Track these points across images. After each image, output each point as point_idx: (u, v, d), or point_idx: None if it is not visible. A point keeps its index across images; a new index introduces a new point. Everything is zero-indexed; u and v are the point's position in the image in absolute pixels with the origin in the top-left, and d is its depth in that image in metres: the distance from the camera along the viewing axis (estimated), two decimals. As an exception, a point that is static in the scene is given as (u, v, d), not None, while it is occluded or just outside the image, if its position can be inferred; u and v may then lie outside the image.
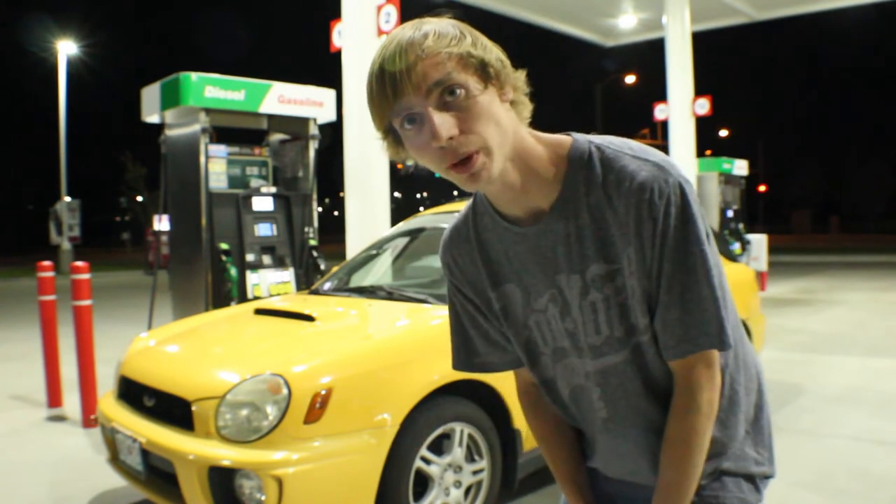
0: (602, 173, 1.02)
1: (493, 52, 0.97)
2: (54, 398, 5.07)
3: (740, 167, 13.99)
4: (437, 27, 0.94)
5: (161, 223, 6.30)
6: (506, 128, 0.97)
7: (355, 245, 5.80)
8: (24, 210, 57.86)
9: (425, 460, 2.69)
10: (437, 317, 3.03)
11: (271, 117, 5.52)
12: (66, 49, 24.07)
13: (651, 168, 1.01)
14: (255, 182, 5.48)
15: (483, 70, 0.94)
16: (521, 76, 1.00)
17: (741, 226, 13.45)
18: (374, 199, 5.95)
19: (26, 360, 6.78)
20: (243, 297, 5.06)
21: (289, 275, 5.43)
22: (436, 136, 0.92)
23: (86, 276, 4.69)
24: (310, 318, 3.17)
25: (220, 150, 5.30)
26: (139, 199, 30.96)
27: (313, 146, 5.71)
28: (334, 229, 10.07)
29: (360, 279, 4.09)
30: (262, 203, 5.39)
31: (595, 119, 27.57)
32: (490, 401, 2.89)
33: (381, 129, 0.99)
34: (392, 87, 0.93)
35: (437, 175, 1.01)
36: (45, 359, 5.06)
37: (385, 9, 5.78)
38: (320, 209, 6.08)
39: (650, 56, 13.43)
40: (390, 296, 3.49)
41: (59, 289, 5.20)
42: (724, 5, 11.93)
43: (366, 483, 2.51)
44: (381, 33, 5.84)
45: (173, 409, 2.68)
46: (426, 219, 4.26)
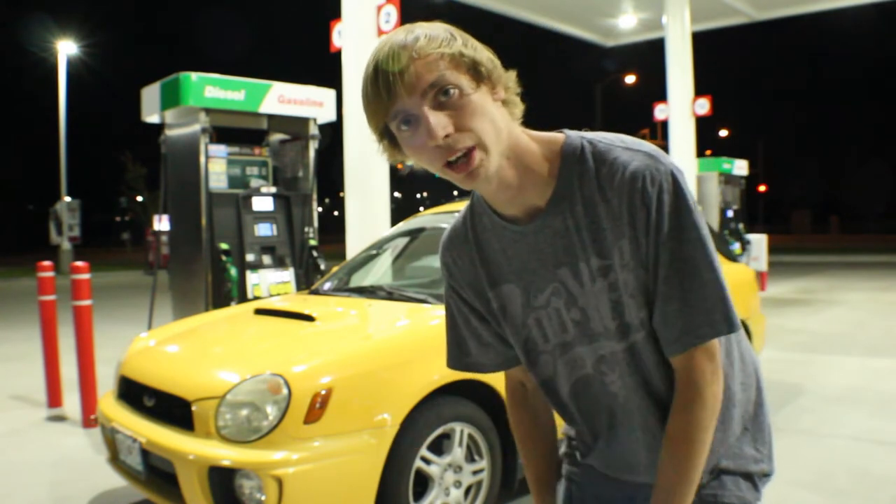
0: (595, 166, 1.03)
1: (483, 53, 0.99)
2: (54, 398, 5.07)
3: (740, 167, 13.99)
4: (427, 30, 0.96)
5: (161, 223, 6.30)
6: (500, 126, 0.98)
7: (355, 245, 5.80)
8: (24, 210, 57.87)
9: (425, 460, 2.69)
10: (437, 317, 3.02)
11: (271, 117, 5.52)
12: (66, 49, 24.05)
13: (642, 157, 1.01)
14: (255, 182, 5.48)
15: (475, 69, 0.96)
16: (511, 76, 1.02)
17: (741, 226, 13.46)
18: (374, 199, 5.95)
19: (26, 360, 6.78)
20: (243, 297, 5.06)
21: (289, 275, 5.43)
22: (431, 135, 0.93)
23: (86, 276, 4.69)
24: (310, 318, 3.17)
25: (220, 150, 5.30)
26: (139, 199, 30.95)
27: (313, 146, 5.71)
28: (334, 229, 10.07)
29: (360, 279, 4.09)
30: (262, 203, 5.39)
31: (595, 119, 27.58)
32: (490, 401, 2.89)
33: (377, 132, 1.01)
34: (386, 89, 0.94)
35: (436, 175, 1.02)
36: (45, 359, 5.06)
37: (385, 9, 5.78)
38: (320, 209, 6.08)
39: (650, 56, 13.45)
40: (390, 296, 3.49)
41: (59, 289, 5.20)
42: (724, 5, 11.92)
43: (366, 483, 2.51)
44: (381, 33, 5.83)
45: (173, 409, 2.68)
46: (426, 219, 4.25)
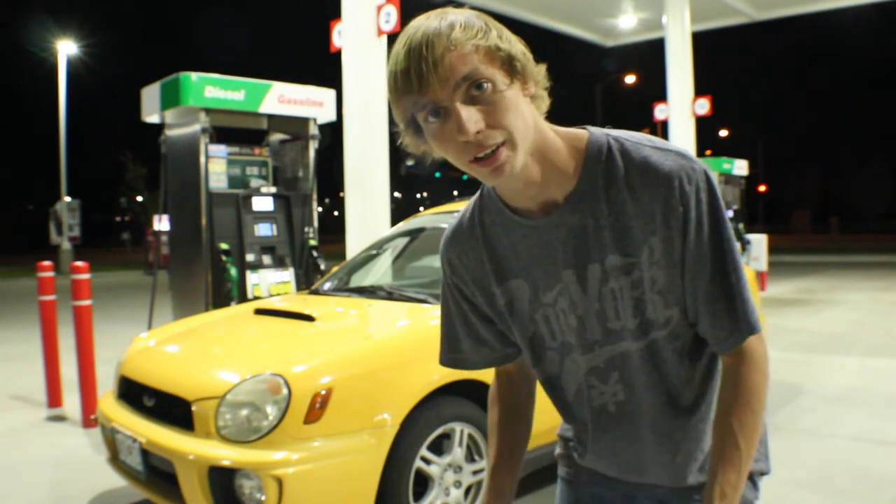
0: (624, 165, 1.02)
1: (517, 46, 0.96)
2: (54, 398, 5.07)
3: (740, 167, 13.99)
4: (463, 18, 0.93)
5: (161, 223, 6.30)
6: (529, 122, 0.97)
7: (355, 245, 5.80)
8: (24, 210, 57.89)
9: (425, 460, 2.69)
10: (437, 317, 3.01)
11: (271, 117, 5.52)
12: (66, 49, 24.07)
13: (675, 157, 1.01)
14: (255, 182, 5.48)
15: (510, 64, 0.94)
16: (541, 70, 1.00)
17: (741, 226, 13.45)
18: (374, 199, 5.95)
19: (26, 360, 6.78)
20: (243, 297, 5.06)
21: (289, 275, 5.43)
22: (462, 131, 0.91)
23: (86, 276, 4.69)
24: (310, 318, 3.17)
25: (220, 150, 5.30)
26: (139, 199, 30.96)
27: (313, 146, 5.71)
28: (334, 229, 10.07)
29: (360, 279, 4.09)
30: (262, 203, 5.39)
31: (595, 119, 27.59)
32: (490, 401, 2.89)
33: (404, 121, 0.98)
34: (418, 78, 0.91)
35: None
36: (45, 359, 5.06)
37: (385, 9, 5.78)
38: (320, 209, 6.08)
39: (650, 56, 13.44)
40: (390, 296, 3.49)
41: (59, 289, 5.20)
42: (724, 5, 11.93)
43: (366, 483, 2.51)
44: (381, 33, 5.84)
45: (173, 409, 2.68)
46: (426, 219, 4.25)
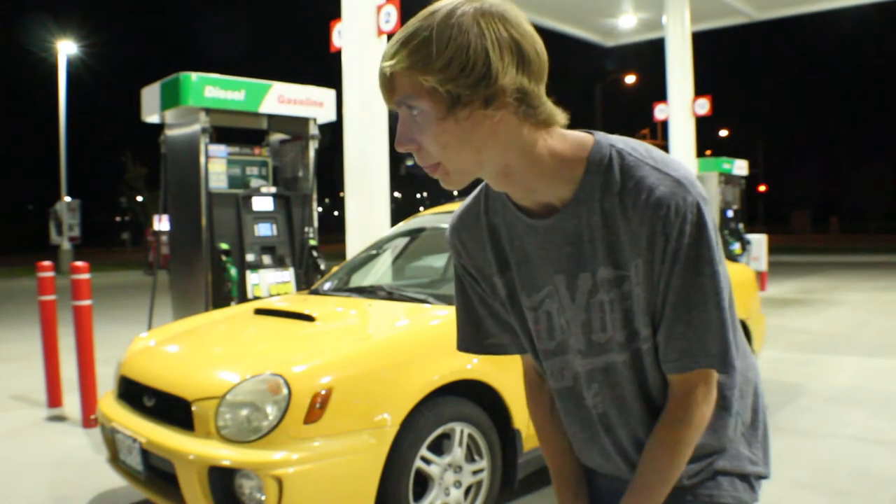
0: (620, 181, 1.00)
1: (475, 71, 0.91)
2: (54, 398, 5.07)
3: (740, 167, 13.99)
4: (422, 34, 0.92)
5: (161, 223, 6.29)
6: (477, 148, 0.96)
7: (355, 245, 5.80)
8: (24, 210, 57.89)
9: (425, 460, 2.69)
10: (437, 317, 3.03)
11: (271, 117, 5.52)
12: (66, 49, 24.08)
13: (671, 183, 0.99)
14: (255, 182, 5.48)
15: (449, 96, 0.93)
16: (523, 81, 0.95)
17: (741, 226, 13.46)
18: (374, 199, 5.94)
19: (26, 360, 6.78)
20: (243, 297, 5.06)
21: (289, 275, 5.43)
22: (397, 143, 0.98)
23: (86, 276, 4.69)
24: (310, 318, 3.17)
25: (220, 150, 5.30)
26: (139, 199, 30.98)
27: (313, 146, 5.71)
28: (334, 229, 10.08)
29: (360, 279, 4.09)
30: (262, 203, 5.39)
31: (595, 119, 27.56)
32: (490, 401, 2.89)
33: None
34: (381, 85, 0.97)
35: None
36: (45, 359, 5.06)
37: (385, 9, 5.78)
38: (320, 209, 6.08)
39: (650, 56, 13.44)
40: (390, 296, 3.49)
41: (59, 289, 5.20)
42: (724, 5, 11.92)
43: (366, 483, 2.51)
44: (381, 33, 5.84)
45: (173, 409, 2.68)
46: (426, 219, 4.26)
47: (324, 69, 7.23)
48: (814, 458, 3.73)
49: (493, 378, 2.84)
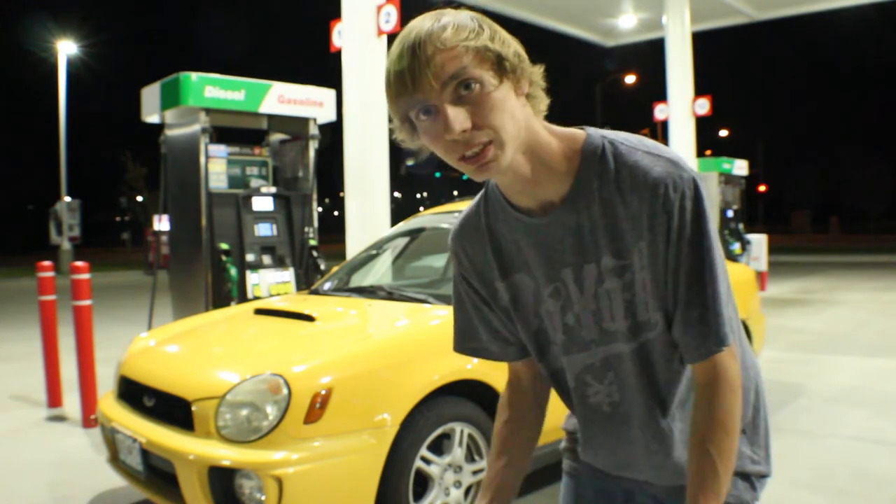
0: (615, 168, 1.03)
1: (511, 47, 0.98)
2: (54, 398, 5.07)
3: (740, 167, 13.98)
4: (455, 19, 0.95)
5: (161, 223, 6.28)
6: (519, 122, 0.98)
7: (355, 245, 5.80)
8: (24, 210, 57.89)
9: (425, 460, 2.69)
10: (437, 317, 3.03)
11: (271, 117, 5.52)
12: (66, 49, 24.08)
13: (665, 163, 1.02)
14: (255, 182, 5.48)
15: (499, 65, 0.95)
16: (538, 71, 1.02)
17: (741, 226, 13.45)
18: (374, 199, 5.94)
19: (26, 360, 6.78)
20: (243, 297, 5.06)
21: (289, 275, 5.43)
22: (448, 130, 0.94)
23: (86, 276, 4.69)
24: (310, 318, 3.17)
25: (220, 150, 5.30)
26: (139, 199, 30.98)
27: (313, 146, 5.71)
28: (334, 229, 10.08)
29: (360, 279, 4.09)
30: (262, 203, 5.39)
31: (595, 119, 27.58)
32: (490, 401, 2.89)
33: (398, 117, 1.00)
34: (411, 77, 0.93)
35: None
36: (45, 359, 5.06)
37: (385, 9, 5.78)
38: (320, 209, 6.08)
39: (650, 56, 13.44)
40: (390, 296, 3.49)
41: (59, 289, 5.20)
42: (724, 5, 11.92)
43: (366, 483, 2.51)
44: (381, 33, 5.83)
45: (173, 409, 2.68)
46: (426, 219, 4.26)
47: (324, 69, 7.23)
48: (814, 458, 3.73)
49: (493, 378, 2.84)
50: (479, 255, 1.18)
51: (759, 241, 12.21)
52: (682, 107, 11.13)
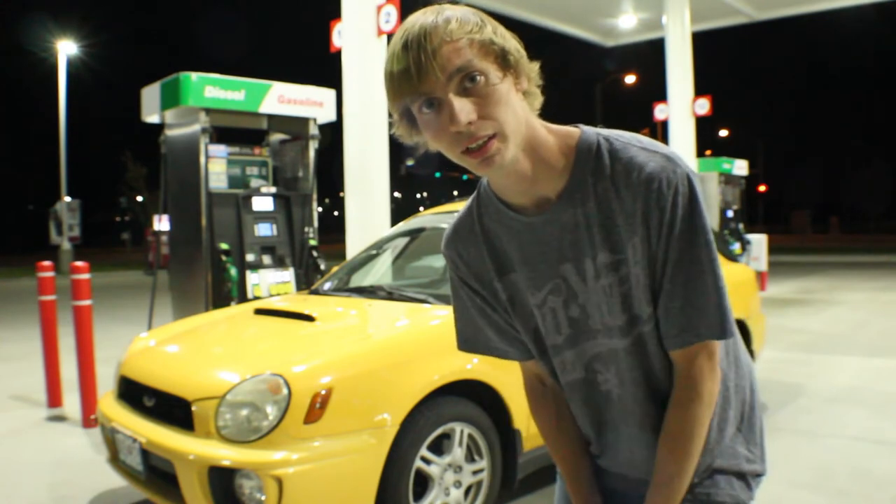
0: (610, 164, 1.03)
1: (511, 42, 0.99)
2: (54, 398, 5.07)
3: (740, 167, 13.99)
4: (458, 14, 0.96)
5: (161, 223, 6.29)
6: (520, 117, 0.99)
7: (355, 245, 5.80)
8: (24, 210, 57.88)
9: (425, 460, 2.69)
10: (437, 317, 3.03)
11: (271, 117, 5.52)
12: (66, 49, 24.07)
13: (659, 159, 1.02)
14: (255, 182, 5.48)
15: (503, 58, 0.96)
16: (534, 67, 1.02)
17: (741, 226, 13.45)
18: (374, 199, 5.94)
19: (26, 360, 6.78)
20: (243, 297, 5.06)
21: (289, 275, 5.43)
22: (454, 121, 0.93)
23: (86, 276, 4.69)
24: (310, 318, 3.17)
25: (220, 150, 5.30)
26: (139, 199, 30.98)
27: (313, 146, 5.71)
28: (334, 229, 10.08)
29: (360, 279, 4.09)
30: (262, 203, 5.39)
31: (595, 119, 27.59)
32: (490, 401, 2.89)
33: (398, 111, 1.00)
34: (417, 70, 0.93)
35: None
36: (45, 359, 5.06)
37: (385, 9, 5.78)
38: (320, 209, 6.08)
39: (650, 56, 13.44)
40: (390, 296, 3.49)
41: (59, 289, 5.20)
42: (724, 5, 11.92)
43: (366, 483, 2.51)
44: (381, 33, 5.83)
45: (173, 409, 2.68)
46: (426, 219, 4.26)
47: (324, 69, 7.23)
48: (814, 458, 3.73)
49: (493, 378, 2.84)
50: (475, 257, 1.18)
51: (759, 241, 12.21)
52: (682, 107, 11.13)
